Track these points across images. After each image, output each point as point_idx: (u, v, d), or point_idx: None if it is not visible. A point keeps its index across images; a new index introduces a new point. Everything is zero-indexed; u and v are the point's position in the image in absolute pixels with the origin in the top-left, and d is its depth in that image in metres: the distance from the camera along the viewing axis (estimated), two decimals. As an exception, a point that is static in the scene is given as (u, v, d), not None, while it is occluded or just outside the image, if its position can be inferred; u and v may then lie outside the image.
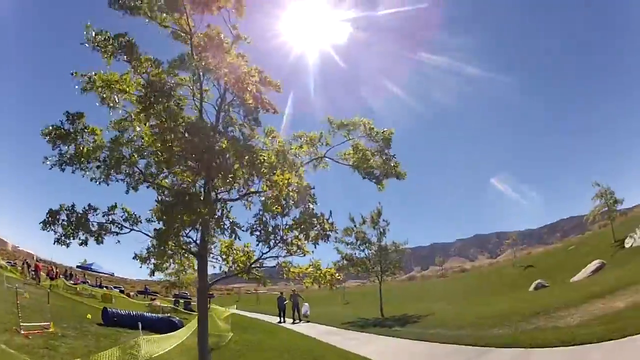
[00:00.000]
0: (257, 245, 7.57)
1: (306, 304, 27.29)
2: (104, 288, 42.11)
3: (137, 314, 19.44)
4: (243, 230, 7.26)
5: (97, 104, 7.54)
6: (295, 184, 7.42)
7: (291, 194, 7.15)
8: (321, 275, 7.72)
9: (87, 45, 7.06)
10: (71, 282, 38.21)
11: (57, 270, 40.89)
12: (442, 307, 25.42)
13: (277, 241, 7.43)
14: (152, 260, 8.12)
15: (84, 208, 7.32)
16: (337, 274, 7.92)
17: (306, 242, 7.48)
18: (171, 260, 8.41)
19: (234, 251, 8.43)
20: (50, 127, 7.08)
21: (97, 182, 7.57)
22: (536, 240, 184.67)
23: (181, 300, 37.24)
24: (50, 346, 11.16)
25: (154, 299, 38.11)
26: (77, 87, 7.14)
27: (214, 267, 8.92)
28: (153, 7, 7.49)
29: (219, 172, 7.43)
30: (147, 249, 7.99)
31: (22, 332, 11.65)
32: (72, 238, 7.18)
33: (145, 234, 7.74)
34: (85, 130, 7.37)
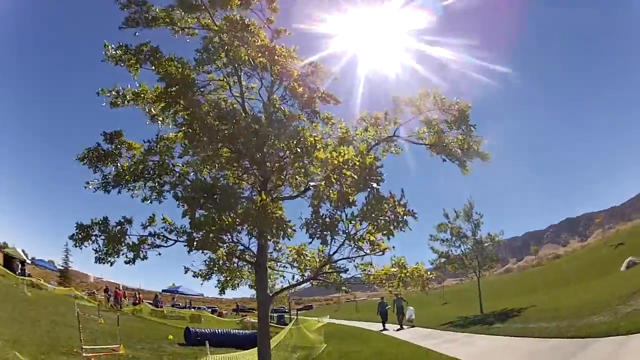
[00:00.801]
0: (311, 242, 6.39)
1: (411, 307, 25.13)
2: (193, 309, 41.89)
3: (222, 331, 19.06)
4: (293, 229, 6.00)
5: (147, 123, 7.13)
6: (355, 161, 5.74)
7: (346, 173, 5.60)
8: (408, 275, 6.40)
9: (109, 62, 6.65)
10: (159, 306, 38.77)
11: (141, 295, 42.19)
12: (540, 298, 24.66)
13: (339, 237, 6.09)
14: (215, 276, 7.47)
15: (119, 221, 6.62)
16: (428, 273, 6.53)
17: (378, 234, 6.14)
18: (236, 273, 7.72)
19: (304, 257, 7.56)
20: (87, 150, 6.70)
21: (149, 201, 7.07)
22: (621, 218, 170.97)
23: (275, 315, 36.28)
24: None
25: (245, 316, 38.05)
26: (104, 104, 6.72)
27: (283, 276, 8.10)
28: (172, 13, 6.95)
29: (272, 166, 6.66)
30: (206, 263, 7.28)
31: (84, 354, 11.68)
32: (114, 256, 6.60)
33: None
34: (123, 145, 6.92)
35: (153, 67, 6.57)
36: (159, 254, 6.75)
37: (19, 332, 13.39)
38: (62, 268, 67.63)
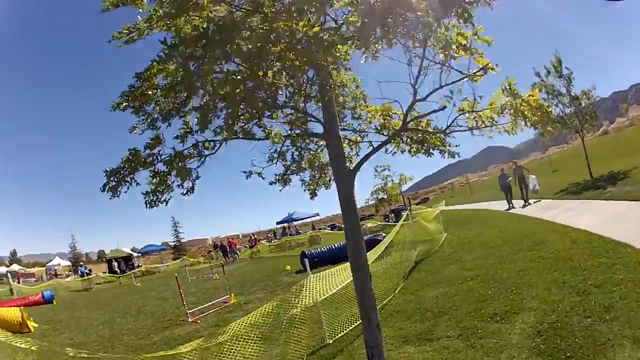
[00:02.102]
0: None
1: (532, 176, 21.51)
2: (310, 232, 39.10)
3: (338, 245, 18.30)
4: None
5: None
6: None
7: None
8: (524, 104, 4.82)
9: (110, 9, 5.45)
10: (274, 240, 38.47)
11: (256, 237, 43.03)
12: None
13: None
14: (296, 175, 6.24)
15: (148, 152, 5.16)
16: (547, 106, 5.10)
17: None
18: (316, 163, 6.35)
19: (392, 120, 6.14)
20: (125, 94, 5.84)
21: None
22: None
23: (391, 215, 32.26)
24: (222, 321, 11.22)
25: (362, 223, 36.02)
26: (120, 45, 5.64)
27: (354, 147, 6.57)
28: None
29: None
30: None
31: (190, 320, 12.07)
32: (164, 190, 5.54)
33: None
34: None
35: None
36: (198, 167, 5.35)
37: (120, 325, 14.08)
38: (174, 243, 68.88)
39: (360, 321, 7.00)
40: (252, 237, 42.39)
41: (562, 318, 6.32)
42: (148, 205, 5.40)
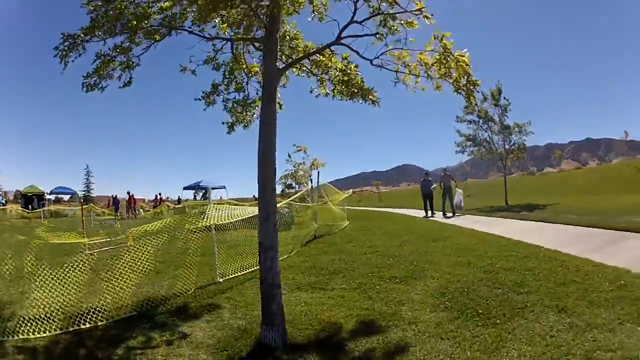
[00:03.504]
0: None
1: (459, 190, 20.19)
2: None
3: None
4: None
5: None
6: None
7: None
8: (453, 60, 4.76)
9: None
10: (176, 204, 37.21)
11: (161, 196, 40.24)
12: (567, 199, 23.29)
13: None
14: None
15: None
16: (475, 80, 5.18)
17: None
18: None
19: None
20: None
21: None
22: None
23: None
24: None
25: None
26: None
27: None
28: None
29: None
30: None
31: (87, 251, 11.20)
32: (106, 74, 5.41)
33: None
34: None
35: None
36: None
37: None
38: (83, 193, 71.06)
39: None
40: (157, 197, 40.02)
41: (469, 286, 6.29)
42: (85, 88, 5.52)
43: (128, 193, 35.81)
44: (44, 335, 5.31)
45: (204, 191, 36.46)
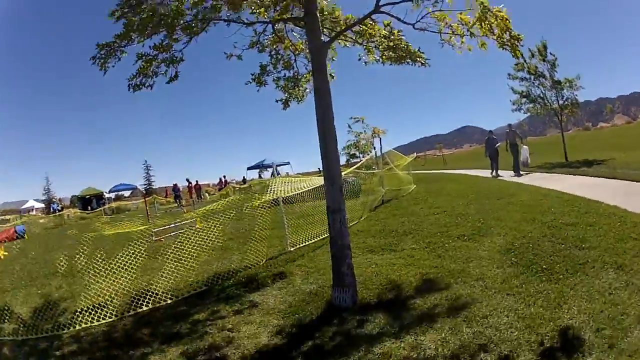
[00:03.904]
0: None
1: (525, 147, 18.89)
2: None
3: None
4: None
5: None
6: None
7: None
8: (493, 14, 4.73)
9: None
10: (241, 184, 37.32)
11: (226, 178, 40.41)
12: (623, 154, 21.43)
13: None
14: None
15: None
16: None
17: None
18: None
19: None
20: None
21: None
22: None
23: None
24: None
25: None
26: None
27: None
28: None
29: None
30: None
31: (154, 238, 11.80)
32: (150, 75, 5.58)
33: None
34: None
35: None
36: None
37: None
38: (145, 187, 70.81)
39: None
40: (222, 180, 41.04)
41: (534, 242, 6.27)
42: (132, 89, 5.64)
43: (187, 180, 36.99)
44: (107, 320, 5.73)
45: (273, 168, 36.84)
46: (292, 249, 8.22)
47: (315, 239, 8.74)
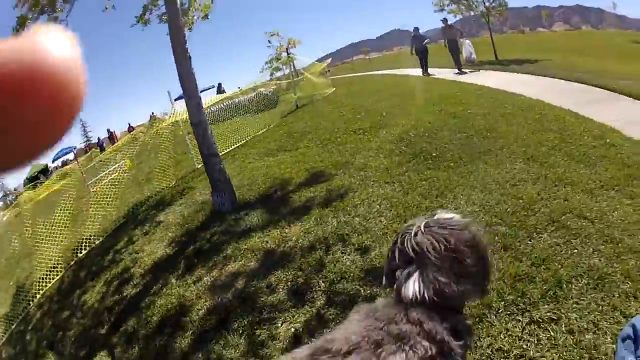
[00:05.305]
0: None
1: (468, 41, 16.27)
2: None
3: None
4: None
5: None
6: None
7: None
8: None
9: None
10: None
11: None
12: (559, 57, 20.56)
13: None
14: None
15: None
16: None
17: None
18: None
19: None
20: None
21: None
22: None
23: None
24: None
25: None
26: None
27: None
28: None
29: None
30: None
31: (91, 190, 11.45)
32: None
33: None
34: None
35: None
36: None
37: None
38: (84, 144, 65.39)
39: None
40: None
41: (433, 131, 6.02)
42: None
43: (129, 124, 36.04)
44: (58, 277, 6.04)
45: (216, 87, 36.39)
46: (198, 166, 8.33)
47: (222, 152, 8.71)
